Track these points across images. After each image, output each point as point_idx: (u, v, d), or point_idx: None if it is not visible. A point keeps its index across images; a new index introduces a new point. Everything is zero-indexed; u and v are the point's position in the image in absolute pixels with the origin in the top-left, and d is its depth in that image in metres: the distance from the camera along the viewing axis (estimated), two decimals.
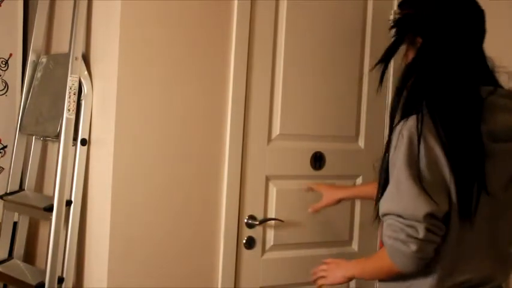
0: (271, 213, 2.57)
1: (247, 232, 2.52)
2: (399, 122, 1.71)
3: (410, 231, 1.62)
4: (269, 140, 2.56)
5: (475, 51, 1.77)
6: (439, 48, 1.74)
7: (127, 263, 2.29)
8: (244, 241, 2.51)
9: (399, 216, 1.64)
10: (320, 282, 1.97)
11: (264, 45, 2.51)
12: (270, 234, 2.58)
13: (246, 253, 2.52)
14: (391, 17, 1.90)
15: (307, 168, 2.64)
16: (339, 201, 2.44)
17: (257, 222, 2.52)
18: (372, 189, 2.16)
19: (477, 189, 1.66)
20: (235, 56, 2.43)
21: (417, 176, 1.62)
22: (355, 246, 2.79)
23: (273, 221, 2.56)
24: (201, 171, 2.41)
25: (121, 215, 2.27)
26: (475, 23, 1.78)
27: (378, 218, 1.76)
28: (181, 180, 2.37)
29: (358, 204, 2.77)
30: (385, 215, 1.69)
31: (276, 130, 2.57)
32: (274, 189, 2.57)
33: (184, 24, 2.34)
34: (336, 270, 1.92)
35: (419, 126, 1.64)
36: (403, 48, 1.83)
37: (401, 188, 1.64)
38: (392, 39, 1.83)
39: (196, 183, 2.40)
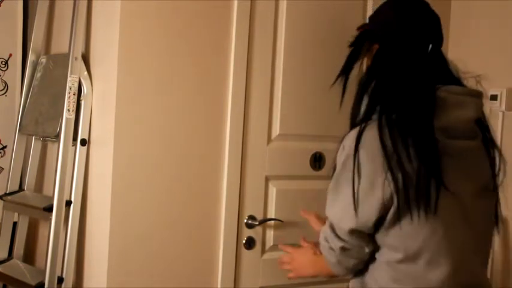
0: (271, 214, 2.57)
1: (247, 232, 2.52)
2: (352, 128, 1.75)
3: (332, 244, 1.74)
4: (269, 140, 2.56)
5: (433, 55, 1.76)
6: (393, 51, 1.75)
7: (127, 263, 2.29)
8: (244, 241, 2.51)
9: (331, 224, 1.74)
10: (290, 276, 2.04)
11: (263, 45, 2.51)
12: (270, 235, 2.58)
13: (245, 253, 2.52)
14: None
15: (307, 168, 2.64)
16: None
17: (257, 223, 2.52)
18: None
19: (436, 185, 1.63)
20: (235, 56, 2.43)
21: (348, 188, 1.66)
22: None
23: (272, 221, 2.56)
24: (200, 171, 2.41)
25: (121, 215, 2.27)
26: (429, 28, 1.78)
27: None
28: (181, 180, 2.37)
29: None
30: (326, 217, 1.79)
31: (276, 130, 2.57)
32: (274, 190, 2.57)
33: (184, 24, 2.34)
34: (301, 270, 1.99)
35: (357, 142, 1.66)
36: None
37: (334, 197, 1.73)
38: (350, 52, 1.89)
39: (196, 183, 2.40)
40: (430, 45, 1.75)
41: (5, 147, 2.70)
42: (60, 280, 2.33)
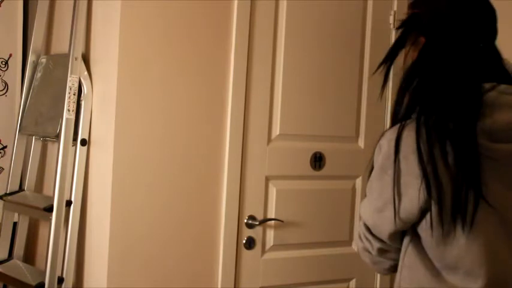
0: (271, 214, 2.57)
1: (247, 232, 2.52)
2: (392, 126, 1.62)
3: (367, 244, 1.66)
4: (269, 140, 2.56)
5: (484, 52, 1.63)
6: (441, 50, 1.61)
7: (127, 263, 2.29)
8: (244, 241, 2.51)
9: (365, 224, 1.65)
10: None
11: (263, 45, 2.51)
12: (270, 235, 2.58)
13: (246, 253, 2.52)
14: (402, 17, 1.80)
15: (307, 168, 2.64)
16: None
17: (257, 223, 2.51)
18: None
19: (474, 197, 1.51)
20: (235, 56, 2.43)
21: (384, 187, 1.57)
22: (355, 246, 2.79)
23: (272, 221, 2.56)
24: (201, 171, 2.40)
25: (121, 215, 2.27)
26: (483, 23, 1.63)
27: None
28: (181, 180, 2.37)
29: (358, 205, 2.77)
30: (360, 217, 1.70)
31: (276, 130, 2.57)
32: (274, 190, 2.57)
33: (184, 24, 2.34)
34: None
35: (396, 144, 1.55)
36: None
37: (371, 197, 1.63)
38: (396, 38, 1.72)
39: (196, 183, 2.40)
40: (481, 43, 1.61)
41: (5, 147, 2.69)
42: (61, 280, 2.32)
